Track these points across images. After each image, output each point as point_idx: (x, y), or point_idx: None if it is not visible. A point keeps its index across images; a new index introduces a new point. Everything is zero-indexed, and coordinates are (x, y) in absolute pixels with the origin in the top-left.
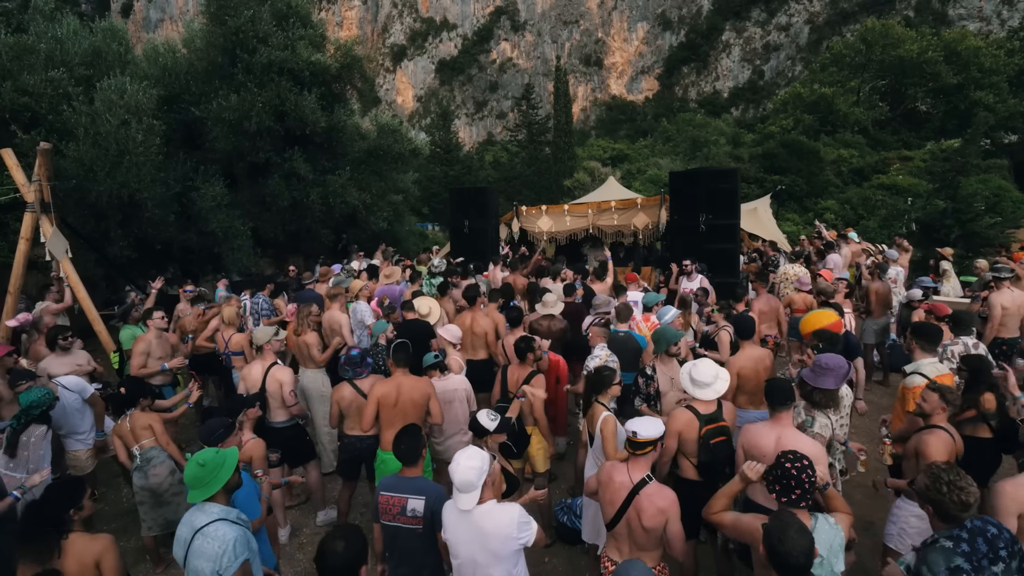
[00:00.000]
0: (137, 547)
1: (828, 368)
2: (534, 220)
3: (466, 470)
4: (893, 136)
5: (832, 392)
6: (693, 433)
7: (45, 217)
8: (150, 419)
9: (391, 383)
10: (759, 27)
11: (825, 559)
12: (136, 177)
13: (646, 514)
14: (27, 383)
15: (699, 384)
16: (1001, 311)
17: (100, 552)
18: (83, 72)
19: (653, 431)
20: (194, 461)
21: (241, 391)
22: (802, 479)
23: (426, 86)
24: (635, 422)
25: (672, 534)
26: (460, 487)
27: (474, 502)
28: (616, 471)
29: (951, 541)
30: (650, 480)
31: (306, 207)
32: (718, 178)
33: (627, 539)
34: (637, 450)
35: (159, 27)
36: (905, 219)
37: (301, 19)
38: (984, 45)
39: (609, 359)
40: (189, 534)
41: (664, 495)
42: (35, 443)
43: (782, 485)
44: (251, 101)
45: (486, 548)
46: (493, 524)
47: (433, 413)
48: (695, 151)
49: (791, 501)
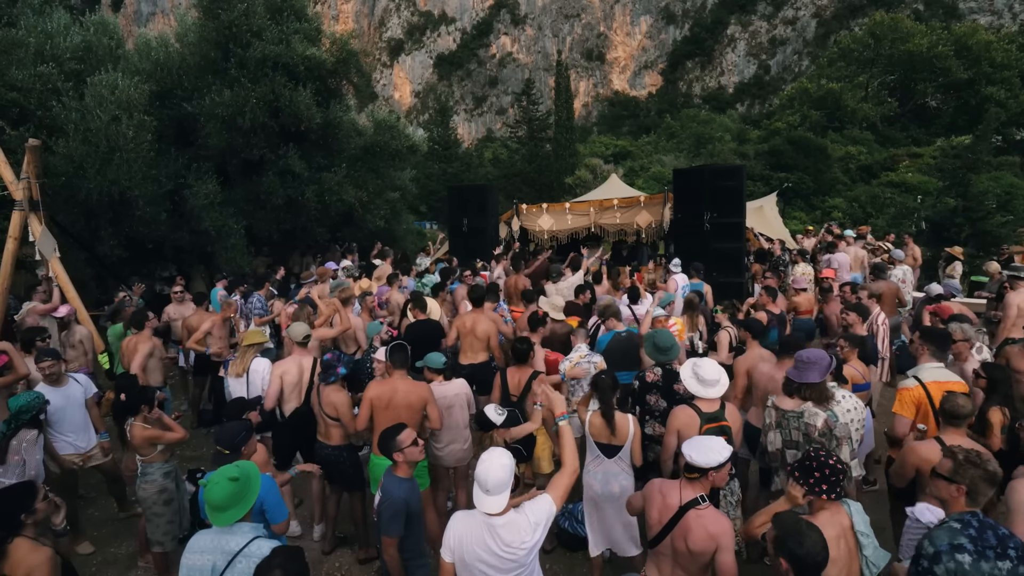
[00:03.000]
0: (128, 553)
1: (810, 362)
2: (535, 219)
3: (500, 468)
4: (902, 132)
5: (818, 385)
6: (693, 431)
7: (34, 215)
8: (152, 433)
9: (387, 384)
10: (765, 21)
11: (870, 537)
12: (127, 174)
13: (693, 536)
14: (50, 360)
15: (705, 382)
16: (1017, 311)
17: (34, 566)
18: (73, 67)
19: (705, 459)
20: (223, 477)
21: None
22: (838, 468)
23: (424, 81)
24: (689, 446)
25: (723, 566)
26: (492, 488)
27: (503, 504)
28: (668, 488)
29: (959, 523)
30: (704, 502)
31: (301, 205)
32: (723, 175)
33: (670, 559)
34: (688, 473)
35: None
36: (915, 217)
37: (296, 12)
38: (995, 39)
39: (584, 359)
40: (224, 560)
41: (718, 521)
42: (28, 448)
43: (829, 483)
44: (245, 96)
45: (509, 560)
46: (515, 531)
47: (431, 418)
48: (699, 148)
49: (837, 495)
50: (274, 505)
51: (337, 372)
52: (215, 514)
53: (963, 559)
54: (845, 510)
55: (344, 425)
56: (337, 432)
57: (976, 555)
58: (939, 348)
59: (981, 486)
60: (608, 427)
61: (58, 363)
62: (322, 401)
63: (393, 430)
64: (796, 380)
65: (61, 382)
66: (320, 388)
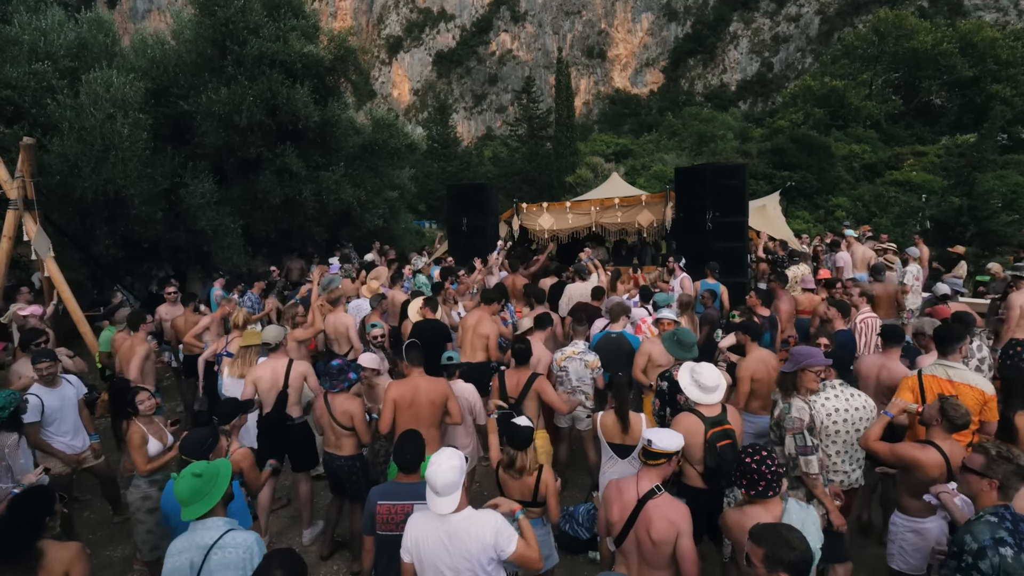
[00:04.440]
0: (123, 556)
1: (792, 355)
2: (535, 218)
3: (448, 470)
4: (907, 131)
5: (787, 375)
6: (698, 438)
7: (28, 215)
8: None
9: (407, 384)
10: (768, 18)
11: None
12: (122, 173)
13: (655, 526)
14: (48, 362)
15: (705, 388)
16: (1020, 312)
17: (70, 560)
18: (68, 64)
19: (669, 443)
20: (188, 473)
21: (248, 395)
22: (763, 471)
23: (423, 79)
24: (652, 431)
25: (683, 551)
26: (442, 489)
27: (454, 505)
28: (624, 484)
29: (996, 517)
30: (660, 491)
31: (298, 204)
32: (725, 174)
33: (636, 555)
34: (650, 460)
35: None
36: (919, 217)
37: (293, 9)
38: (1001, 36)
39: (577, 355)
40: (200, 554)
41: (675, 507)
42: (10, 453)
43: (748, 480)
44: (242, 94)
45: (465, 560)
46: (472, 531)
47: (452, 413)
48: (701, 146)
49: (759, 493)
50: (239, 513)
51: (349, 378)
52: (182, 508)
53: (1006, 552)
54: (781, 507)
55: (359, 435)
56: (350, 442)
57: (1018, 548)
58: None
59: (1014, 480)
60: (621, 426)
61: (55, 364)
62: (334, 410)
63: (420, 439)
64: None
65: (55, 383)
66: (328, 396)
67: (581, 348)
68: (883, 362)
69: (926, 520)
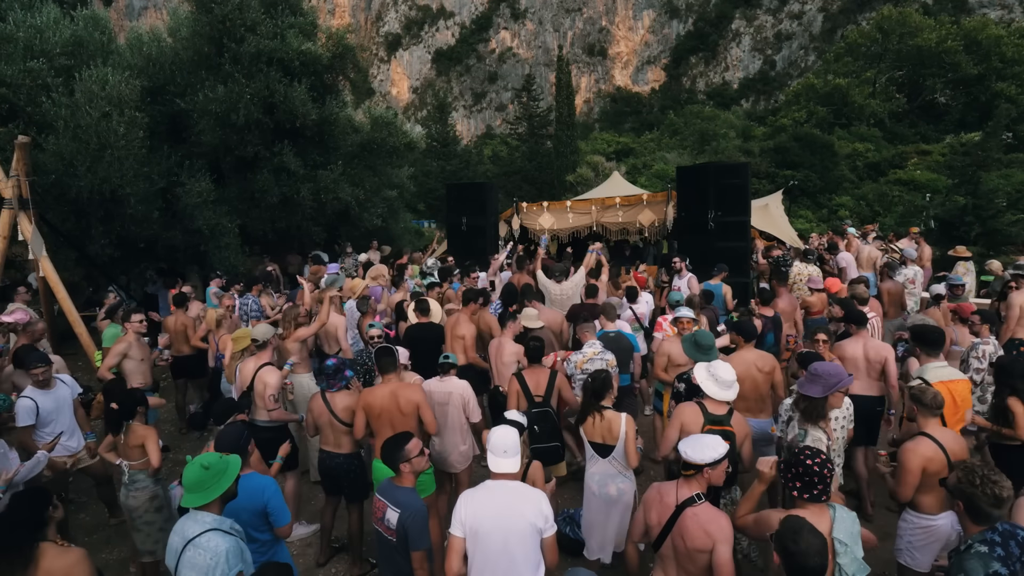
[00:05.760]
0: (120, 559)
1: (818, 375)
2: (535, 217)
3: (510, 432)
4: (911, 129)
5: (818, 402)
6: (695, 429)
7: (23, 214)
8: (145, 434)
9: (377, 391)
10: (771, 15)
11: (849, 546)
12: (118, 172)
13: (689, 534)
14: (43, 367)
15: (722, 383)
16: (1020, 311)
17: (69, 567)
18: (63, 62)
19: (702, 455)
20: (197, 463)
21: (236, 388)
22: (824, 474)
23: (422, 77)
24: (685, 443)
25: (719, 562)
26: (509, 449)
27: (517, 466)
28: (665, 489)
29: (986, 546)
30: (700, 500)
31: (296, 203)
32: (728, 173)
33: (672, 561)
34: (684, 471)
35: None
36: (923, 216)
37: (291, 7)
38: (1006, 34)
39: (598, 356)
40: (181, 544)
41: (713, 517)
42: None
43: (803, 482)
44: (239, 92)
45: (521, 519)
46: (528, 495)
47: (426, 421)
48: (703, 145)
49: (813, 497)
50: (277, 508)
51: (346, 376)
52: (184, 494)
53: None
54: (829, 514)
55: (355, 431)
56: (348, 440)
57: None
58: (931, 347)
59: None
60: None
61: (50, 368)
62: (335, 408)
63: (400, 439)
64: (799, 391)
65: (50, 384)
66: (327, 395)
67: (599, 348)
68: (862, 341)
69: (936, 517)
